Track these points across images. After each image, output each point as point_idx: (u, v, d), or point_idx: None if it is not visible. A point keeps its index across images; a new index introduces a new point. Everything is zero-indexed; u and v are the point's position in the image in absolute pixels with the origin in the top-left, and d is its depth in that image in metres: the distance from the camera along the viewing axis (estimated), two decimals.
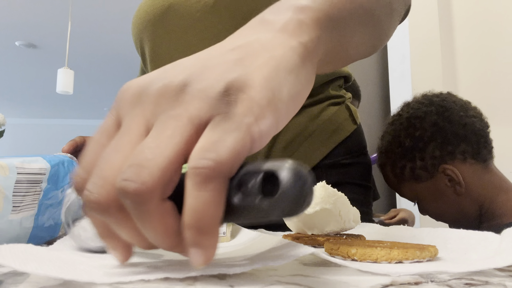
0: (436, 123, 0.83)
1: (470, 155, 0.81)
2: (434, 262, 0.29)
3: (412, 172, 0.84)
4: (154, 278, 0.22)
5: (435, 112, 0.84)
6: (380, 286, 0.22)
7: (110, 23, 3.99)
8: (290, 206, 0.18)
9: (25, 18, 3.94)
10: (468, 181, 0.80)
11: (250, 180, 0.19)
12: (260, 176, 0.19)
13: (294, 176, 0.18)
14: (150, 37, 0.68)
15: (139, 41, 0.71)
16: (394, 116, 0.91)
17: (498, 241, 0.33)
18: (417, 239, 0.39)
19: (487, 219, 0.80)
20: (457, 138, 0.81)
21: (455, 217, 0.84)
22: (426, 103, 0.87)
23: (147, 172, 0.18)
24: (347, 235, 0.41)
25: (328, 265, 0.28)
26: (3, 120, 1.13)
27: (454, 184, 0.81)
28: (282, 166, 0.18)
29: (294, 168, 0.18)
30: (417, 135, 0.83)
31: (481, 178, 0.81)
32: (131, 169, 0.19)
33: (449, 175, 0.80)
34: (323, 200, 0.39)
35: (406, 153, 0.84)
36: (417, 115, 0.85)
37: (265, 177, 0.19)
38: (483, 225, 0.80)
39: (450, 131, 0.81)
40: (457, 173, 0.80)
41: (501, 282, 0.23)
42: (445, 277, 0.24)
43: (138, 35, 0.71)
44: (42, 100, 6.67)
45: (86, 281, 0.22)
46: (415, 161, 0.83)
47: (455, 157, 0.81)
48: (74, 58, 4.66)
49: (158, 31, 0.67)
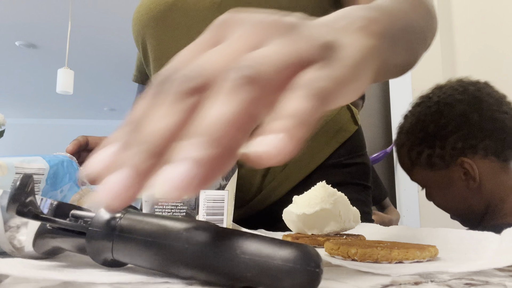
0: (464, 113, 0.78)
1: (492, 152, 0.78)
2: (434, 262, 0.29)
3: (429, 159, 0.81)
4: (153, 282, 0.22)
5: (467, 101, 0.79)
6: (380, 286, 0.22)
7: (110, 23, 3.99)
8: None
9: (25, 18, 3.94)
10: (483, 177, 0.78)
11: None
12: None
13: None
14: (153, 34, 0.67)
15: (140, 37, 0.71)
16: (423, 97, 0.87)
17: (498, 241, 0.33)
18: (417, 239, 0.39)
19: (491, 217, 0.79)
20: (483, 133, 0.78)
21: (460, 210, 0.83)
22: (460, 90, 0.82)
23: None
24: (347, 235, 0.41)
25: (328, 265, 0.28)
26: (3, 120, 1.12)
27: (468, 178, 0.78)
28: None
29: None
30: (442, 123, 0.80)
31: (496, 177, 0.78)
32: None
33: (466, 168, 0.78)
34: (323, 200, 0.39)
35: (427, 139, 0.81)
36: (447, 101, 0.81)
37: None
38: (485, 223, 0.80)
39: (478, 124, 0.78)
40: (474, 168, 0.77)
41: (501, 282, 0.23)
42: (445, 277, 0.24)
43: (139, 31, 0.70)
44: (42, 100, 6.67)
45: (86, 281, 0.22)
46: (434, 149, 0.80)
47: (476, 152, 0.78)
48: (74, 58, 4.65)
49: (161, 28, 0.66)
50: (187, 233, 0.22)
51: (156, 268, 0.23)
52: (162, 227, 0.23)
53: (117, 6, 3.68)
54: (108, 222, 0.24)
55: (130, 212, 0.25)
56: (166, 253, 0.22)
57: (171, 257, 0.22)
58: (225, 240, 0.21)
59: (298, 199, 0.41)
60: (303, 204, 0.40)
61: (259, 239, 0.20)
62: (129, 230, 0.23)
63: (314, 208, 0.39)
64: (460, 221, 0.86)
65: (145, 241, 0.23)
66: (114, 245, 0.24)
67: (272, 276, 0.19)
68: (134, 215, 0.24)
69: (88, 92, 6.14)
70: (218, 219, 0.40)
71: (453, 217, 0.87)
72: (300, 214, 0.40)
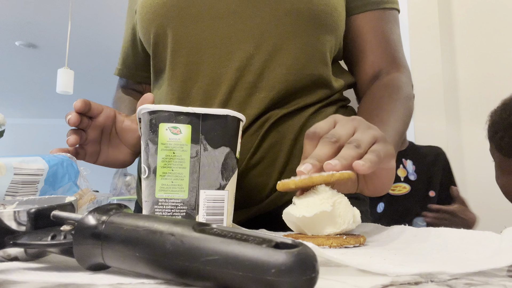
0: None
1: None
2: (434, 262, 0.29)
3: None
4: (154, 282, 0.22)
5: None
6: (380, 286, 0.22)
7: (110, 23, 3.99)
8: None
9: (25, 18, 3.94)
10: None
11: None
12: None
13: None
14: (174, 25, 0.63)
15: (154, 27, 0.65)
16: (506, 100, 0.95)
17: (498, 241, 0.33)
18: (418, 239, 0.39)
19: None
20: None
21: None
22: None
23: (365, 143, 0.43)
24: (347, 235, 0.41)
25: (328, 265, 0.28)
26: (3, 120, 1.12)
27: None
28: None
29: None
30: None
31: None
32: (359, 138, 0.43)
33: None
34: (322, 203, 0.39)
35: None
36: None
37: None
38: None
39: None
40: None
41: (501, 282, 0.23)
42: (445, 277, 0.24)
43: (153, 21, 0.65)
44: (42, 100, 6.67)
45: (86, 282, 0.22)
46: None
47: None
48: (74, 58, 4.65)
49: (183, 19, 0.63)
50: (172, 246, 0.21)
51: (144, 272, 0.23)
52: (148, 234, 0.22)
53: (117, 6, 3.68)
54: (94, 228, 0.24)
55: (115, 215, 0.25)
56: (153, 260, 0.22)
57: (160, 263, 0.22)
58: (214, 250, 0.20)
59: (298, 201, 0.41)
60: (302, 207, 0.40)
61: (252, 247, 0.20)
62: (115, 237, 0.23)
63: (314, 211, 0.38)
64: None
65: (133, 247, 0.22)
66: (103, 251, 0.23)
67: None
68: (119, 218, 0.24)
69: (88, 92, 6.14)
70: (218, 219, 0.40)
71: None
72: (300, 217, 0.39)
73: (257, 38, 0.61)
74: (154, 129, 0.39)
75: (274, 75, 0.61)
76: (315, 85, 0.64)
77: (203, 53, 0.62)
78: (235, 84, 0.61)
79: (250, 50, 0.61)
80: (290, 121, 0.62)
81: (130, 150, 0.61)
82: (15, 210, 0.28)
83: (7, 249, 0.28)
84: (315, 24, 0.62)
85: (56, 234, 0.26)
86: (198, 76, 0.62)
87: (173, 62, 0.64)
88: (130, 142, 0.60)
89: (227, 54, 0.61)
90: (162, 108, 0.39)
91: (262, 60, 0.61)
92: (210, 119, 0.40)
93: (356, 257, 0.30)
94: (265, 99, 0.61)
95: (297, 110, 0.63)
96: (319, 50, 0.64)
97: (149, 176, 0.39)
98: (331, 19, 0.63)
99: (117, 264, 0.23)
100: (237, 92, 0.61)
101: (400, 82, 0.67)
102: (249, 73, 0.61)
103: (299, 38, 0.61)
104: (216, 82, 0.61)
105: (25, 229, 0.28)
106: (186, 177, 0.39)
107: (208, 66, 0.62)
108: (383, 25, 0.70)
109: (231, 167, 0.41)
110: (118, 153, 0.60)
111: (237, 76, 0.61)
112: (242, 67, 0.61)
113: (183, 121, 0.39)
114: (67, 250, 0.26)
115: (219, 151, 0.40)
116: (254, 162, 0.60)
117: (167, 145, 0.39)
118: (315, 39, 0.63)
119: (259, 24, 0.61)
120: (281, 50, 0.61)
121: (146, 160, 0.40)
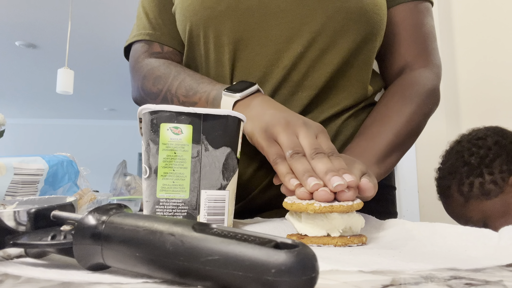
0: (498, 142, 0.89)
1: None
2: (435, 259, 0.29)
3: (482, 187, 0.87)
4: (152, 281, 0.22)
5: (495, 133, 0.91)
6: (380, 286, 0.22)
7: (110, 23, 3.99)
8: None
9: (25, 18, 3.94)
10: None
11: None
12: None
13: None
14: (220, 20, 0.60)
15: (197, 19, 0.62)
16: (452, 144, 0.97)
17: (497, 238, 0.33)
18: (414, 234, 0.39)
19: None
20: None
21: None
22: (482, 129, 0.94)
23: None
24: (351, 235, 0.41)
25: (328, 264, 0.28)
26: (3, 120, 1.13)
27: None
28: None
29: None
30: (482, 153, 0.88)
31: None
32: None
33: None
34: (330, 229, 0.38)
35: (473, 170, 0.89)
36: (479, 136, 0.92)
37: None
38: None
39: (511, 147, 0.88)
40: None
41: (501, 281, 0.23)
42: (445, 276, 0.24)
43: (198, 12, 0.61)
44: (42, 100, 6.67)
45: (86, 282, 0.22)
46: (484, 176, 0.87)
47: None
48: (74, 58, 4.65)
49: (233, 14, 0.60)
50: (173, 247, 0.21)
51: (144, 272, 0.23)
52: (148, 234, 0.22)
53: (117, 6, 3.68)
54: (94, 228, 0.24)
55: (115, 215, 0.25)
56: (153, 260, 0.22)
57: (160, 264, 0.22)
58: (214, 250, 0.20)
59: (305, 217, 0.40)
60: (307, 225, 0.39)
61: (252, 247, 0.20)
62: (115, 237, 0.23)
63: (319, 234, 0.38)
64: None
65: (133, 247, 0.22)
66: (103, 251, 0.24)
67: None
68: (119, 218, 0.24)
69: (88, 92, 6.14)
70: (219, 219, 0.40)
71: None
72: (302, 234, 0.39)
73: (308, 38, 0.59)
74: (155, 129, 0.39)
75: (319, 74, 0.60)
76: (354, 87, 0.63)
77: (251, 51, 0.61)
78: (280, 83, 0.60)
79: (300, 49, 0.59)
80: (326, 127, 0.61)
81: None
82: (15, 210, 0.28)
83: (7, 249, 0.28)
84: (363, 23, 0.60)
85: (56, 234, 0.26)
86: (243, 73, 0.61)
87: (217, 58, 0.62)
88: None
89: (276, 53, 0.60)
90: (163, 108, 0.39)
91: (311, 59, 0.60)
92: (211, 119, 0.40)
93: (367, 257, 0.30)
94: (306, 98, 0.60)
95: (333, 116, 0.62)
96: (365, 50, 0.63)
97: (150, 176, 0.39)
98: (378, 18, 0.62)
99: (117, 264, 0.23)
100: (281, 90, 0.60)
101: (421, 78, 0.65)
102: (296, 72, 0.60)
103: (348, 37, 0.60)
104: (262, 80, 0.60)
105: (25, 229, 0.28)
106: (187, 177, 0.39)
107: (254, 64, 0.60)
108: (415, 18, 0.68)
109: (232, 167, 0.41)
110: None
111: (284, 74, 0.60)
112: (290, 66, 0.59)
113: (184, 121, 0.39)
114: (67, 250, 0.26)
115: (220, 151, 0.40)
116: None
117: (168, 145, 0.39)
118: (362, 38, 0.61)
119: (309, 24, 0.59)
120: (330, 50, 0.60)
121: (147, 160, 0.40)
